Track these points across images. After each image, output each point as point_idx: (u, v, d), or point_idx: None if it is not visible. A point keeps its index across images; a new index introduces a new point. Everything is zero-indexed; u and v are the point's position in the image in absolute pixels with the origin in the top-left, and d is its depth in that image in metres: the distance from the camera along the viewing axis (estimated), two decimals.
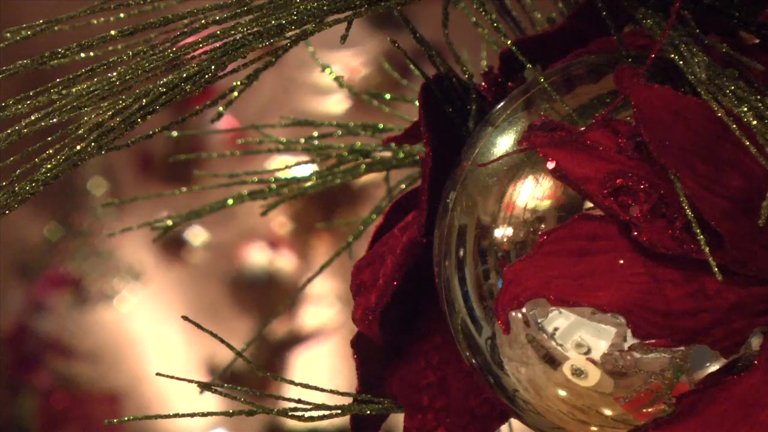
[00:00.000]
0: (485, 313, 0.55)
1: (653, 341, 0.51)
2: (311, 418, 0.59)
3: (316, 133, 0.72)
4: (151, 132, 0.55)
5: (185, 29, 0.54)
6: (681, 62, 0.52)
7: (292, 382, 0.64)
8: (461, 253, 0.56)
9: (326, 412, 0.59)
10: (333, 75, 0.74)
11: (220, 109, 0.55)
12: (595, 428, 0.55)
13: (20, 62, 0.54)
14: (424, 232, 0.59)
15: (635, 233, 0.50)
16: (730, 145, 0.50)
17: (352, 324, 0.61)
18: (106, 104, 0.53)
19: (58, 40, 0.56)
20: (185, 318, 0.59)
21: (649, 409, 0.53)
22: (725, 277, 0.49)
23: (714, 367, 0.52)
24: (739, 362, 0.52)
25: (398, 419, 0.62)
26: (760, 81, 0.53)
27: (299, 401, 0.60)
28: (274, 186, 0.72)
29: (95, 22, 0.57)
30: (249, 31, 0.53)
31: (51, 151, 0.52)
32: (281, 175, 0.73)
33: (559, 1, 0.64)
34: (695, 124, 0.50)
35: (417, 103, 0.60)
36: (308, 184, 0.71)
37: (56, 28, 0.55)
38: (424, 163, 0.59)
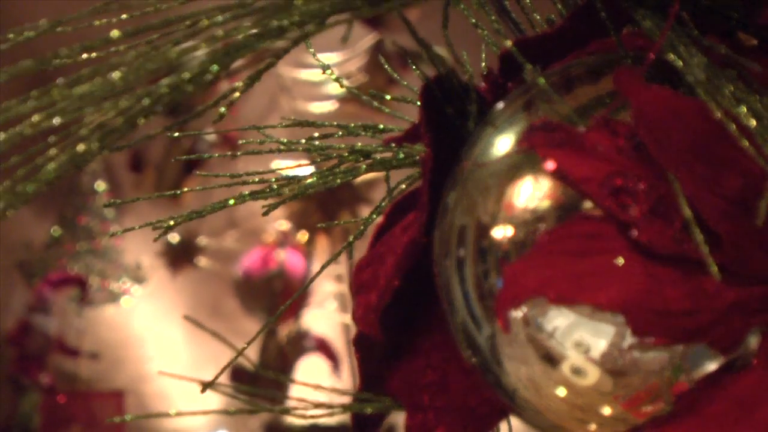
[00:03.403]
0: (485, 312, 0.56)
1: (652, 340, 0.51)
2: (313, 417, 0.59)
3: (316, 134, 0.72)
4: (152, 132, 0.55)
5: (187, 31, 0.54)
6: (680, 63, 0.52)
7: (293, 381, 0.65)
8: (461, 252, 0.56)
9: (327, 411, 0.59)
10: (333, 75, 0.74)
11: (222, 109, 0.55)
12: (594, 427, 0.55)
13: (23, 63, 0.54)
14: (425, 232, 0.59)
15: (635, 233, 0.50)
16: (729, 145, 0.50)
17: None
18: (108, 105, 0.53)
19: (61, 41, 0.56)
20: (187, 318, 0.59)
21: (648, 408, 0.53)
22: (724, 277, 0.49)
23: (712, 366, 0.52)
24: (738, 361, 0.52)
25: (401, 416, 0.62)
26: (758, 82, 0.53)
27: (301, 400, 0.60)
28: (275, 186, 0.72)
29: (98, 23, 0.57)
30: (250, 33, 0.53)
31: (54, 152, 0.52)
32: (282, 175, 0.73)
33: (558, 2, 0.64)
34: (694, 124, 0.50)
35: (418, 103, 0.60)
36: (308, 183, 0.72)
37: (59, 29, 0.56)
38: (424, 164, 0.59)
